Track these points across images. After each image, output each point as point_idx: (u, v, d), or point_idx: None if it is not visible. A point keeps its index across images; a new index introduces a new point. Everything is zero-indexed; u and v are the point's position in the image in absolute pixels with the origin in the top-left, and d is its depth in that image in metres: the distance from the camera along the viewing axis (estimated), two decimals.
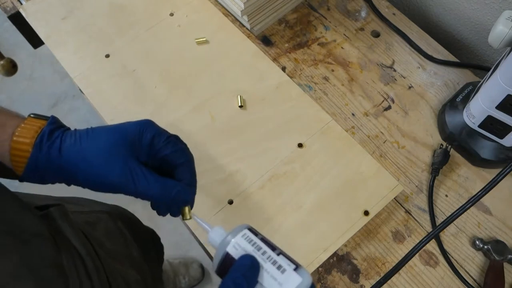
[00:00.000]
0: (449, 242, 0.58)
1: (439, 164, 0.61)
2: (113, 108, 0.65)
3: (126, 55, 0.69)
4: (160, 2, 0.74)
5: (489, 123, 0.57)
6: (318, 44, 0.72)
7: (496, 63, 0.55)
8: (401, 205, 0.60)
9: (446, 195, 0.61)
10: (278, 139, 0.62)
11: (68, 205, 0.49)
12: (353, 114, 0.67)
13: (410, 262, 0.56)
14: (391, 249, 0.57)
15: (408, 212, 0.60)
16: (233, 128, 0.63)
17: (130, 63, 0.69)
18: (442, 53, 0.71)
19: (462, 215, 0.47)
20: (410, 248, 0.44)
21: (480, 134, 0.60)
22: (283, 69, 0.70)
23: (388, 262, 0.57)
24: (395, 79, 0.69)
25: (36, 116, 0.36)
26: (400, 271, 0.55)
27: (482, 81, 0.59)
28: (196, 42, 0.70)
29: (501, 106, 0.54)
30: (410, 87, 0.69)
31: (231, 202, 0.57)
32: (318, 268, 0.56)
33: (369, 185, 0.59)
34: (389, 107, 0.67)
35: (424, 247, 0.50)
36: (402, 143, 0.64)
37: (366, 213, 0.57)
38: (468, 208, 0.42)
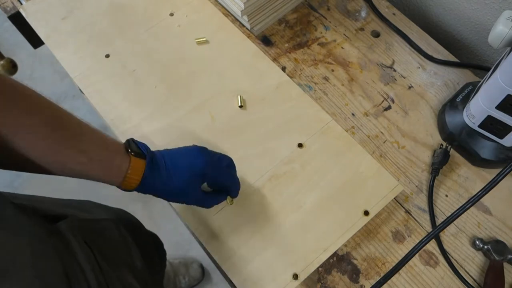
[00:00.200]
0: (449, 242, 0.58)
1: (439, 164, 0.61)
2: (113, 108, 0.65)
3: (126, 55, 0.69)
4: (160, 2, 0.74)
5: (489, 123, 0.57)
6: (318, 44, 0.72)
7: (496, 63, 0.55)
8: (401, 205, 0.60)
9: (446, 195, 0.61)
10: (278, 139, 0.62)
11: (75, 212, 0.54)
12: (353, 114, 0.67)
13: (410, 262, 0.56)
14: (391, 249, 0.57)
15: (408, 212, 0.60)
16: (233, 128, 0.63)
17: (130, 63, 0.69)
18: (442, 53, 0.71)
19: (462, 215, 0.47)
20: (410, 248, 0.44)
21: (480, 134, 0.60)
22: (283, 69, 0.70)
23: (388, 262, 0.57)
24: (395, 79, 0.69)
25: (137, 155, 0.47)
26: (400, 271, 0.55)
27: (482, 81, 0.59)
28: (196, 42, 0.70)
29: (501, 106, 0.54)
30: (410, 87, 0.69)
31: (231, 202, 0.57)
32: (318, 268, 0.56)
33: (369, 185, 0.59)
34: (389, 107, 0.67)
35: (424, 247, 0.50)
36: (402, 143, 0.64)
37: (366, 213, 0.57)
38: (468, 208, 0.42)
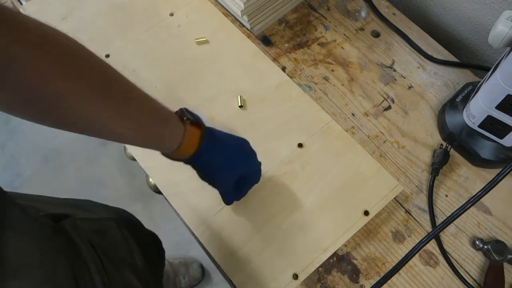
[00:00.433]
0: (449, 242, 0.58)
1: (439, 164, 0.61)
2: None
3: (126, 55, 0.69)
4: (160, 2, 0.75)
5: (489, 123, 0.57)
6: (318, 44, 0.72)
7: (496, 63, 0.55)
8: (401, 205, 0.60)
9: (446, 195, 0.61)
10: (278, 139, 0.62)
11: (77, 212, 0.55)
12: (353, 114, 0.67)
13: (410, 262, 0.56)
14: (391, 249, 0.57)
15: (408, 212, 0.60)
16: (233, 128, 0.63)
17: (130, 63, 0.69)
18: (442, 53, 0.71)
19: (462, 215, 0.47)
20: (410, 248, 0.44)
21: (480, 134, 0.60)
22: (283, 69, 0.70)
23: (388, 262, 0.57)
24: (395, 79, 0.69)
25: (192, 124, 0.45)
26: (400, 271, 0.55)
27: (482, 81, 0.59)
28: (196, 42, 0.70)
29: (501, 106, 0.54)
30: (410, 87, 0.69)
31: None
32: (318, 268, 0.56)
33: (369, 185, 0.59)
34: (389, 107, 0.67)
35: (424, 247, 0.50)
36: (402, 143, 0.64)
37: (366, 213, 0.57)
38: (468, 208, 0.42)
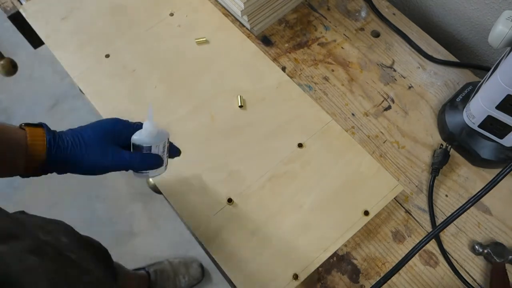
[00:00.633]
0: (449, 242, 0.58)
1: (439, 164, 0.61)
2: (113, 108, 0.65)
3: (126, 55, 0.69)
4: (160, 2, 0.74)
5: (489, 123, 0.57)
6: (318, 44, 0.72)
7: (496, 63, 0.55)
8: (401, 205, 0.60)
9: (446, 195, 0.61)
10: (278, 139, 0.62)
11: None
12: (353, 114, 0.67)
13: (410, 262, 0.56)
14: (391, 249, 0.57)
15: (408, 212, 0.60)
16: (233, 128, 0.63)
17: (130, 63, 0.69)
18: (442, 53, 0.71)
19: (462, 215, 0.47)
20: (410, 248, 0.44)
21: (480, 134, 0.60)
22: (283, 69, 0.70)
23: (388, 262, 0.57)
24: (395, 79, 0.69)
25: (28, 124, 0.45)
26: (400, 271, 0.55)
27: (482, 81, 0.59)
28: (196, 42, 0.70)
29: (501, 106, 0.54)
30: (410, 87, 0.69)
31: (231, 202, 0.57)
32: (318, 268, 0.56)
33: (369, 185, 0.59)
34: (389, 107, 0.67)
35: (424, 247, 0.50)
36: (402, 143, 0.64)
37: (366, 213, 0.57)
38: (468, 208, 0.42)
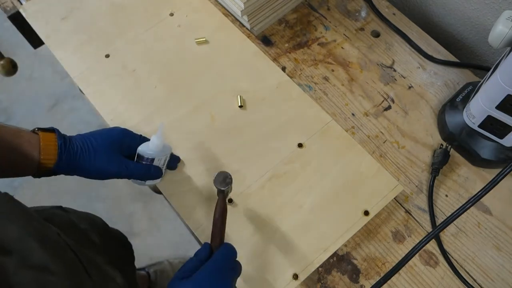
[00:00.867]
0: (449, 242, 0.58)
1: (439, 164, 0.61)
2: (113, 108, 0.65)
3: (126, 55, 0.69)
4: (160, 2, 0.74)
5: (489, 123, 0.57)
6: (318, 44, 0.72)
7: (496, 63, 0.55)
8: (401, 205, 0.60)
9: (446, 195, 0.61)
10: (278, 139, 0.62)
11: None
12: (353, 114, 0.67)
13: (410, 262, 0.56)
14: (391, 249, 0.57)
15: (408, 212, 0.60)
16: (233, 128, 0.63)
17: (130, 63, 0.69)
18: (442, 53, 0.71)
19: (462, 215, 0.46)
20: (410, 248, 0.44)
21: (480, 134, 0.60)
22: (283, 69, 0.70)
23: (388, 262, 0.57)
24: (395, 79, 0.69)
25: (41, 129, 0.51)
26: (400, 271, 0.55)
27: (482, 81, 0.59)
28: (196, 42, 0.70)
29: (501, 106, 0.54)
30: (410, 87, 0.69)
31: (231, 202, 0.57)
32: (318, 268, 0.56)
33: (369, 185, 0.59)
34: (389, 107, 0.67)
35: (424, 247, 0.50)
36: (402, 143, 0.64)
37: (366, 213, 0.57)
38: (468, 208, 0.42)
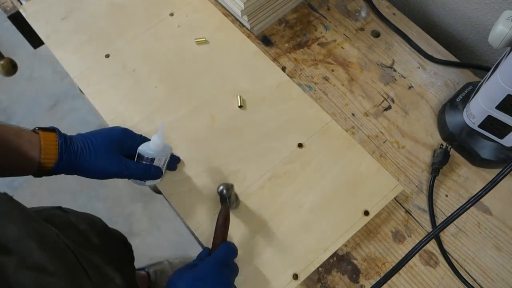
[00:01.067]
0: (449, 242, 0.58)
1: (439, 164, 0.61)
2: (113, 108, 0.65)
3: (126, 55, 0.69)
4: (160, 2, 0.74)
5: (489, 123, 0.57)
6: (318, 44, 0.72)
7: (496, 63, 0.55)
8: (401, 205, 0.60)
9: (446, 195, 0.61)
10: (278, 139, 0.62)
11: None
12: (353, 114, 0.67)
13: (410, 262, 0.56)
14: (391, 249, 0.57)
15: (408, 212, 0.60)
16: (233, 128, 0.63)
17: (130, 63, 0.69)
18: (442, 53, 0.71)
19: (462, 215, 0.47)
20: (410, 248, 0.44)
21: (480, 134, 0.60)
22: (283, 69, 0.70)
23: (388, 262, 0.57)
24: (395, 79, 0.69)
25: (41, 128, 0.50)
26: (400, 271, 0.55)
27: (482, 81, 0.59)
28: (196, 42, 0.70)
29: (501, 106, 0.54)
30: (410, 87, 0.69)
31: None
32: (318, 268, 0.56)
33: (369, 185, 0.59)
34: (389, 107, 0.67)
35: (424, 247, 0.50)
36: (402, 143, 0.64)
37: (366, 213, 0.57)
38: (468, 208, 0.42)
